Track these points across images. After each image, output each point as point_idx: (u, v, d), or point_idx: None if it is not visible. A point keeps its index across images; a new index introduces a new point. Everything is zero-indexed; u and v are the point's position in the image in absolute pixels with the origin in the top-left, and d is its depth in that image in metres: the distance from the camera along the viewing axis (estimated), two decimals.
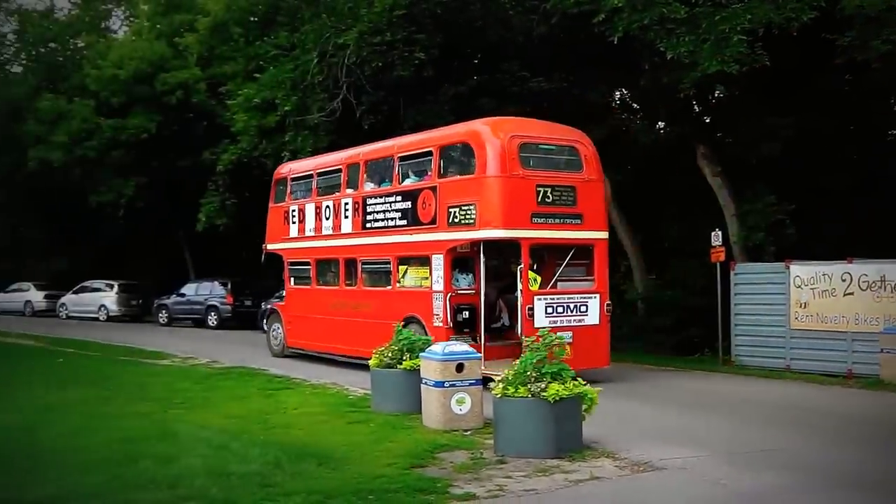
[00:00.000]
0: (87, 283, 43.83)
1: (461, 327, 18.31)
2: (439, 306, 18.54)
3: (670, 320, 25.54)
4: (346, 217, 21.95)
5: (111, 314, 41.42)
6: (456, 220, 18.35)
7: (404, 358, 14.34)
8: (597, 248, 18.82)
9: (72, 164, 39.79)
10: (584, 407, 11.36)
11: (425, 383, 13.18)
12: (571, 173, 18.73)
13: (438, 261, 18.71)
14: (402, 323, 17.34)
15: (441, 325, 18.36)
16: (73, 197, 43.43)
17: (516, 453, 11.06)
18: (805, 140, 23.97)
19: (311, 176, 24.12)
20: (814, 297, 19.78)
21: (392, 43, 24.82)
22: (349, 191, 22.09)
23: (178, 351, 25.78)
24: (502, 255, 19.10)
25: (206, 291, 37.57)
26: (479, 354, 13.36)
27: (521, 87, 25.84)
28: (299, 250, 24.20)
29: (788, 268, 20.35)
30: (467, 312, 18.72)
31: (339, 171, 22.71)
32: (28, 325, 37.50)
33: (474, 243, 18.33)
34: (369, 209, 21.06)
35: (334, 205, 22.44)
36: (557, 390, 10.94)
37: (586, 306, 18.34)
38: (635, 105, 31.27)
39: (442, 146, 19.42)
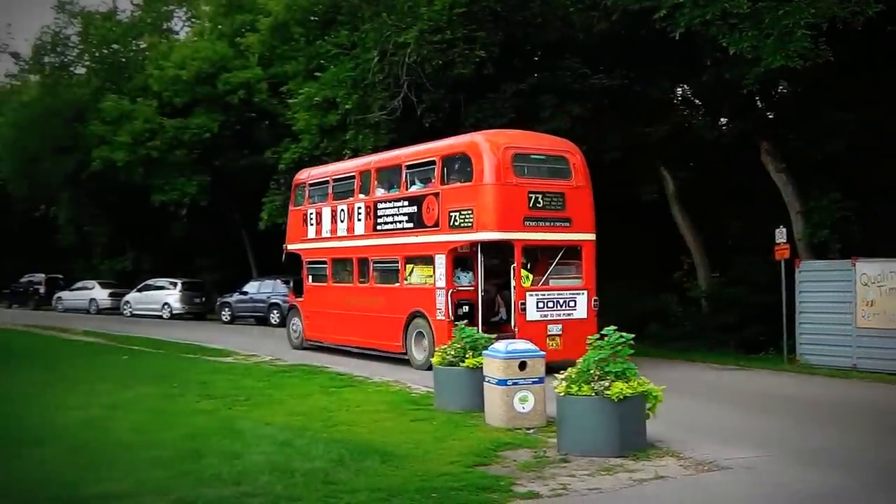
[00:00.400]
0: (150, 282, 44.38)
1: (462, 320, 18.20)
2: (442, 301, 20.17)
3: (734, 318, 25.22)
4: (359, 220, 23.76)
5: (174, 312, 41.84)
6: (456, 224, 20.10)
7: (467, 356, 14.33)
8: (584, 249, 20.42)
9: (135, 163, 40.24)
10: (648, 406, 11.29)
11: (488, 381, 13.18)
12: (561, 181, 20.42)
13: (441, 260, 20.40)
14: (409, 316, 21.00)
15: (443, 318, 19.96)
16: (137, 196, 43.99)
17: (580, 452, 11.02)
18: (870, 135, 23.54)
19: (327, 182, 25.86)
20: (881, 294, 19.45)
21: (452, 41, 24.85)
22: (362, 196, 23.75)
23: (240, 348, 26.06)
24: (501, 254, 20.54)
25: (269, 289, 37.76)
26: (543, 353, 13.31)
27: (582, 84, 25.73)
28: (316, 250, 26.09)
29: (855, 265, 20.02)
30: (467, 307, 20.20)
31: (353, 177, 24.45)
32: (93, 322, 38.02)
33: (473, 244, 20.07)
34: (380, 213, 22.89)
35: (348, 209, 24.25)
36: (621, 389, 10.87)
37: (575, 301, 20.08)
38: (697, 101, 30.90)
39: (444, 156, 21.11)
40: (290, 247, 27.67)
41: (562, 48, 26.51)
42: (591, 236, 20.49)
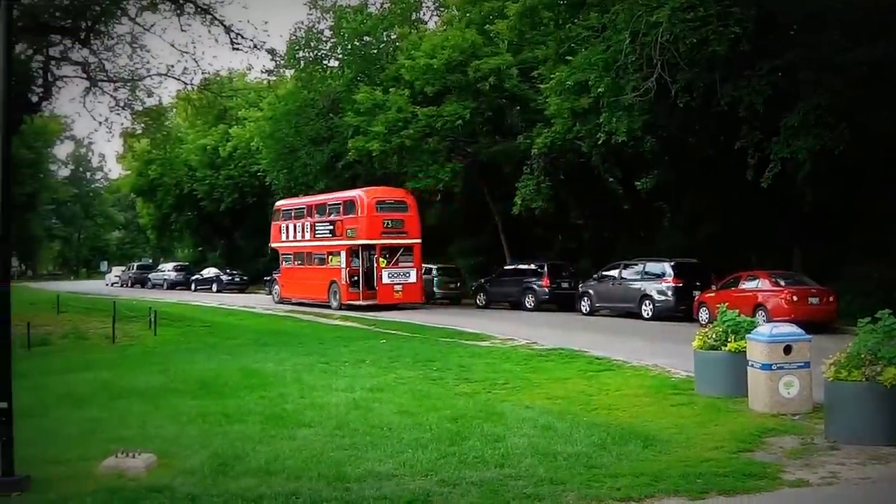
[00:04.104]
0: None
1: (353, 286, 38.65)
2: (344, 275, 39.10)
3: None
4: (307, 231, 42.48)
5: (431, 297, 42.36)
6: (350, 235, 38.99)
7: (729, 340, 14.04)
8: (415, 247, 38.91)
9: (389, 152, 41.24)
10: None
11: (751, 366, 12.91)
12: (401, 213, 39.09)
13: (343, 254, 39.48)
14: (329, 282, 39.95)
15: (345, 283, 38.85)
16: (391, 183, 45.29)
17: (849, 439, 10.66)
18: None
19: (291, 209, 45.00)
20: None
21: (706, 18, 24.31)
22: (308, 218, 42.67)
23: (497, 332, 26.33)
24: (373, 250, 38.71)
25: (523, 274, 38.12)
26: (810, 337, 12.92)
27: (842, 58, 24.59)
28: (286, 247, 44.79)
29: None
30: (357, 277, 38.72)
31: (303, 207, 43.86)
32: (349, 307, 39.37)
33: (357, 246, 38.84)
34: (316, 228, 41.66)
35: (301, 224, 43.02)
36: (895, 374, 10.41)
37: (409, 273, 38.72)
38: None
39: (344, 200, 40.26)
40: (273, 245, 46.50)
41: (820, 20, 25.42)
42: (418, 241, 39.00)
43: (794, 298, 25.65)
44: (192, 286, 61.74)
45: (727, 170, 30.86)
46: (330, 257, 40.14)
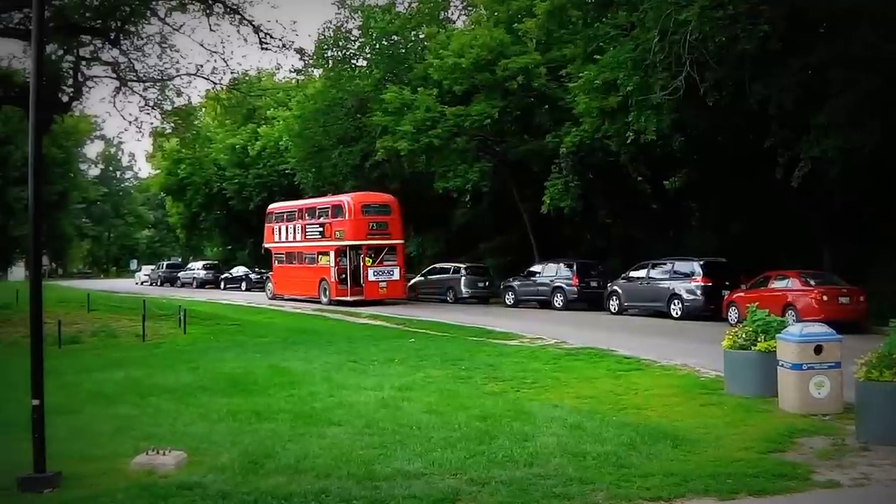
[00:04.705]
0: (436, 266, 45.54)
1: (341, 283, 41.55)
2: (333, 273, 42.03)
3: None
4: (298, 233, 45.43)
5: (459, 296, 42.58)
6: (338, 236, 41.91)
7: (759, 339, 13.98)
8: (398, 247, 42.10)
9: (417, 152, 41.22)
10: None
11: (782, 365, 12.85)
12: (385, 216, 42.00)
13: (332, 253, 42.34)
14: (319, 280, 42.88)
15: (334, 280, 41.82)
16: (419, 184, 45.29)
17: (881, 440, 10.59)
18: None
19: (283, 212, 47.69)
20: None
21: (735, 16, 24.18)
22: (299, 221, 45.61)
23: (525, 332, 26.30)
24: (359, 250, 41.35)
25: (552, 273, 37.98)
26: (840, 337, 12.84)
27: (874, 55, 24.40)
28: (279, 247, 47.57)
29: None
30: (345, 275, 41.57)
31: (295, 211, 46.75)
32: (377, 306, 39.45)
33: (345, 246, 41.65)
34: (306, 230, 44.66)
35: (293, 226, 46.00)
36: None
37: (392, 271, 41.68)
38: None
39: (332, 205, 43.25)
40: (266, 245, 49.55)
41: (852, 17, 25.23)
42: (401, 241, 42.59)
43: (825, 298, 25.51)
44: (222, 285, 62.17)
45: (756, 169, 30.72)
46: (320, 257, 43.49)
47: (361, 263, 41.01)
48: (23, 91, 27.94)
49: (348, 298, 40.85)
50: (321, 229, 43.26)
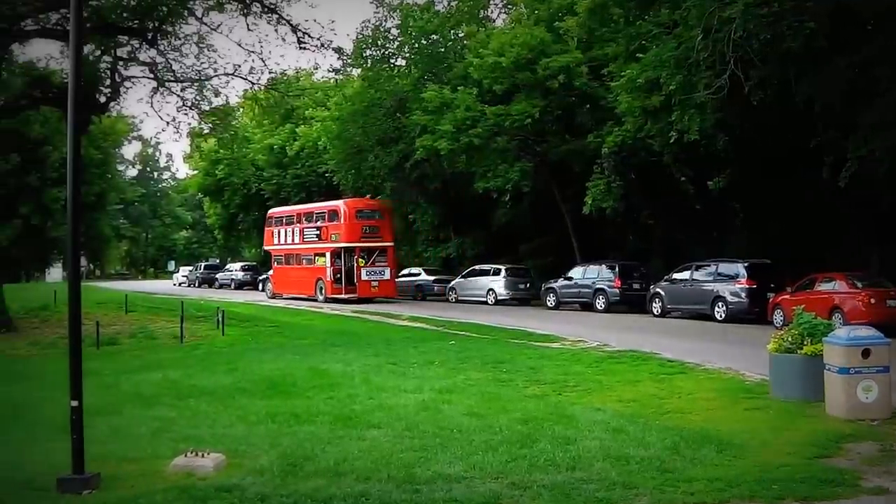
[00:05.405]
0: (476, 268, 45.49)
1: (336, 282, 44.90)
2: (329, 273, 45.61)
3: None
4: (296, 235, 49.35)
5: (499, 298, 42.40)
6: (333, 239, 45.54)
7: (805, 343, 13.72)
8: (389, 249, 46.13)
9: (457, 151, 41.09)
10: None
11: (828, 369, 12.62)
12: (378, 220, 46.16)
13: (328, 255, 46.00)
14: (315, 279, 46.99)
15: (330, 280, 45.45)
16: (460, 184, 45.20)
17: None
18: None
19: (283, 216, 51.97)
20: None
21: (780, 13, 23.88)
22: (297, 224, 49.67)
23: (567, 334, 26.18)
24: (353, 251, 44.91)
25: (594, 275, 37.66)
26: (888, 340, 12.59)
27: None
28: (278, 249, 51.53)
29: None
30: (340, 275, 44.87)
31: (293, 215, 51.01)
32: (419, 308, 39.49)
33: (340, 248, 45.10)
34: (304, 233, 48.49)
35: (291, 230, 50.06)
36: None
37: (384, 271, 45.45)
38: None
39: (328, 210, 47.07)
40: (266, 247, 54.44)
41: None
42: (392, 244, 46.78)
43: (872, 301, 25.15)
44: (260, 286, 62.31)
45: (801, 169, 30.35)
46: (316, 258, 47.56)
47: (355, 264, 45.03)
48: (61, 92, 28.04)
49: (343, 296, 44.63)
50: (318, 232, 47.37)
